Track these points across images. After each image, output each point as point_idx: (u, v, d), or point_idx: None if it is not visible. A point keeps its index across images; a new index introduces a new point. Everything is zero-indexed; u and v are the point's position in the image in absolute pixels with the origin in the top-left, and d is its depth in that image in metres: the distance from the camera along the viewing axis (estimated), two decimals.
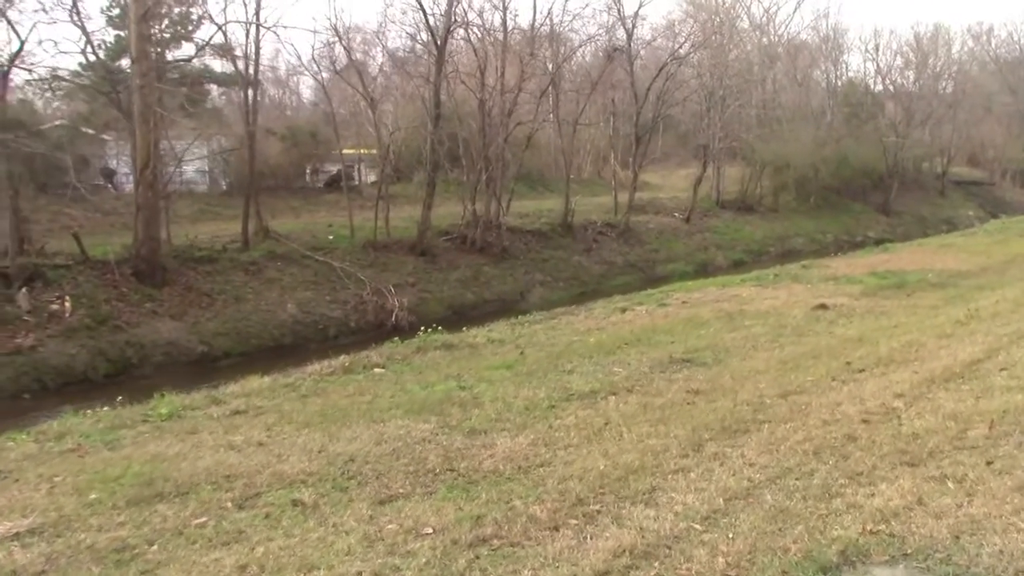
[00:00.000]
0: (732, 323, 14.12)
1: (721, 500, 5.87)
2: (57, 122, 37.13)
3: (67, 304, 23.05)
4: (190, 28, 40.97)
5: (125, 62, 35.73)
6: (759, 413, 8.25)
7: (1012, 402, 8.23)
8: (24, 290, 22.46)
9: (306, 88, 63.31)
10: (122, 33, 36.06)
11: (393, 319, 27.50)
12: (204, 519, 5.88)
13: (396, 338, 14.47)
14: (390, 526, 5.62)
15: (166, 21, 41.17)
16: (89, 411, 10.01)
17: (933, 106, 58.84)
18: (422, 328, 15.76)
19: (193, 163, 38.53)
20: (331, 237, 32.23)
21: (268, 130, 40.05)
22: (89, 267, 24.67)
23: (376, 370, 11.62)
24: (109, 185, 37.53)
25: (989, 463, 6.53)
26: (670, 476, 6.44)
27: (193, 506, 6.17)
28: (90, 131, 36.04)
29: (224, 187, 38.84)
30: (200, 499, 6.30)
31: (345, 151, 41.42)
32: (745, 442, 7.32)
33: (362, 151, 42.01)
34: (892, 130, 55.18)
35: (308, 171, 43.34)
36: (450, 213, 35.20)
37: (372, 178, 47.30)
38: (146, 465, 7.15)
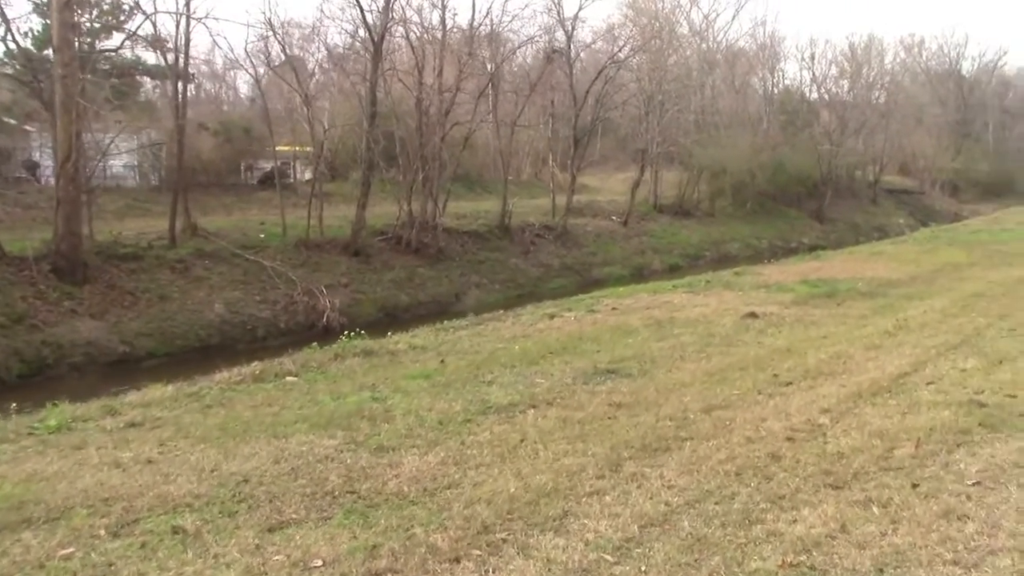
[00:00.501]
0: (661, 331, 13.88)
1: (636, 527, 5.57)
2: None
3: None
4: (121, 18, 39.98)
5: (51, 51, 34.78)
6: (682, 429, 8.01)
7: (938, 419, 8.14)
8: None
9: (243, 83, 62.21)
10: (48, 21, 34.99)
11: (324, 320, 26.95)
12: (72, 549, 5.36)
13: (315, 344, 13.87)
14: (276, 557, 5.20)
15: (96, 11, 40.16)
16: None
17: (866, 115, 59.78)
18: (349, 331, 15.20)
19: (121, 157, 37.54)
20: (262, 235, 31.51)
21: (200, 125, 39.11)
22: (5, 263, 23.72)
23: (288, 379, 11.12)
24: (32, 178, 36.27)
25: (915, 486, 6.38)
26: (584, 500, 6.12)
27: (62, 534, 5.63)
28: (12, 121, 34.89)
29: (155, 183, 37.78)
30: (71, 526, 5.76)
31: (281, 148, 40.67)
32: (665, 461, 7.05)
33: (298, 148, 41.26)
34: (827, 138, 55.94)
35: (243, 168, 42.44)
36: (387, 213, 34.66)
37: (308, 176, 46.68)
38: (19, 486, 6.60)
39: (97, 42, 45.98)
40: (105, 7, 34.87)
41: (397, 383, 10.33)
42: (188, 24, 28.57)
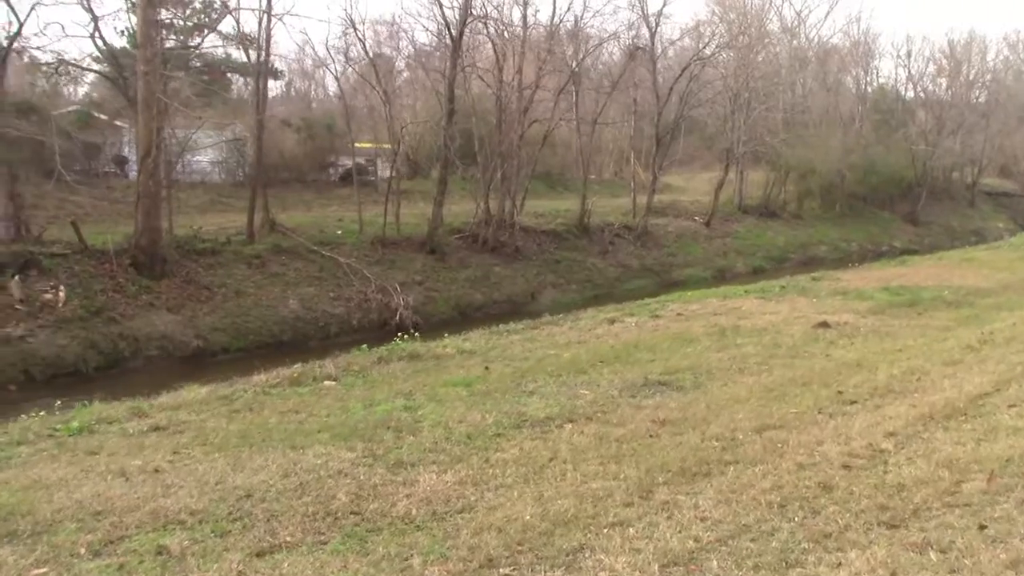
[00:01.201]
0: (723, 340, 13.25)
1: (656, 567, 5.08)
2: (70, 108, 36.88)
3: (61, 294, 22.54)
4: (213, 16, 40.67)
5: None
6: (728, 452, 7.45)
7: (1018, 447, 7.40)
8: (17, 278, 21.95)
9: (332, 81, 62.84)
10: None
11: (397, 318, 26.82)
12: (45, 569, 5.12)
13: (364, 345, 13.62)
14: None
15: (188, 9, 40.97)
16: (24, 416, 9.32)
17: (965, 115, 57.39)
18: (422, 329, 14.98)
19: (207, 153, 38.18)
20: (339, 232, 31.62)
21: (283, 121, 39.63)
22: (87, 256, 24.18)
23: (326, 383, 10.83)
24: (120, 173, 37.12)
25: (982, 527, 5.69)
26: (605, 531, 5.64)
27: (41, 550, 5.38)
28: (103, 117, 35.71)
29: (239, 178, 38.28)
30: (54, 542, 5.52)
31: (363, 145, 40.88)
32: (703, 488, 6.54)
33: (379, 146, 41.40)
34: (922, 138, 53.84)
35: (326, 165, 42.79)
36: (465, 211, 34.47)
37: (389, 174, 46.87)
38: (16, 494, 6.41)
39: (189, 40, 47.12)
40: (197, 5, 35.19)
41: (435, 390, 10.02)
42: (269, 21, 28.75)
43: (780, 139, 47.67)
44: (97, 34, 26.80)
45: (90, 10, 26.36)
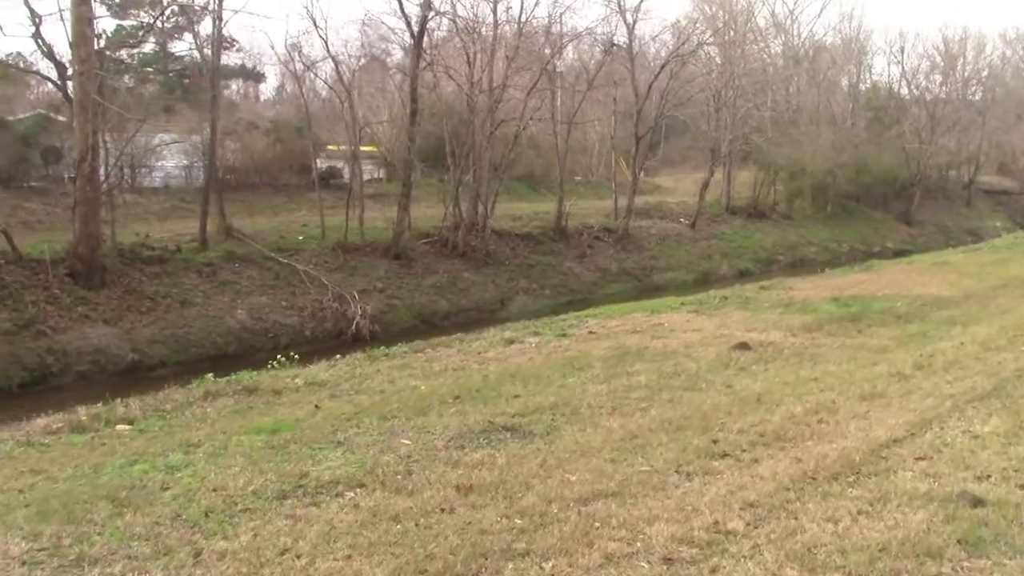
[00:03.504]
0: (617, 367, 11.80)
1: None
2: (27, 113, 35.86)
3: None
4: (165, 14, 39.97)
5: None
6: (523, 537, 6.03)
7: (903, 527, 6.06)
8: None
9: (322, 84, 61.60)
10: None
11: (353, 327, 25.84)
12: None
13: (209, 375, 12.27)
14: None
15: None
16: None
17: (961, 112, 56.05)
18: (380, 340, 13.70)
19: (173, 157, 37.19)
20: (301, 238, 30.59)
21: (250, 123, 38.57)
22: (21, 266, 23.16)
23: (119, 427, 9.46)
24: None
25: None
26: None
27: None
28: (61, 118, 34.67)
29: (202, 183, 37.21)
30: None
31: (338, 148, 39.86)
32: None
33: (352, 149, 40.27)
34: (916, 136, 52.54)
35: (298, 168, 41.71)
36: (437, 215, 33.38)
37: (366, 177, 45.80)
38: None
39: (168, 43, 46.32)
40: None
41: (229, 440, 8.64)
42: (220, 20, 27.71)
43: (767, 138, 46.41)
44: (38, 35, 25.71)
45: (30, 9, 25.33)
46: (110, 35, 42.56)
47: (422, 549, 5.81)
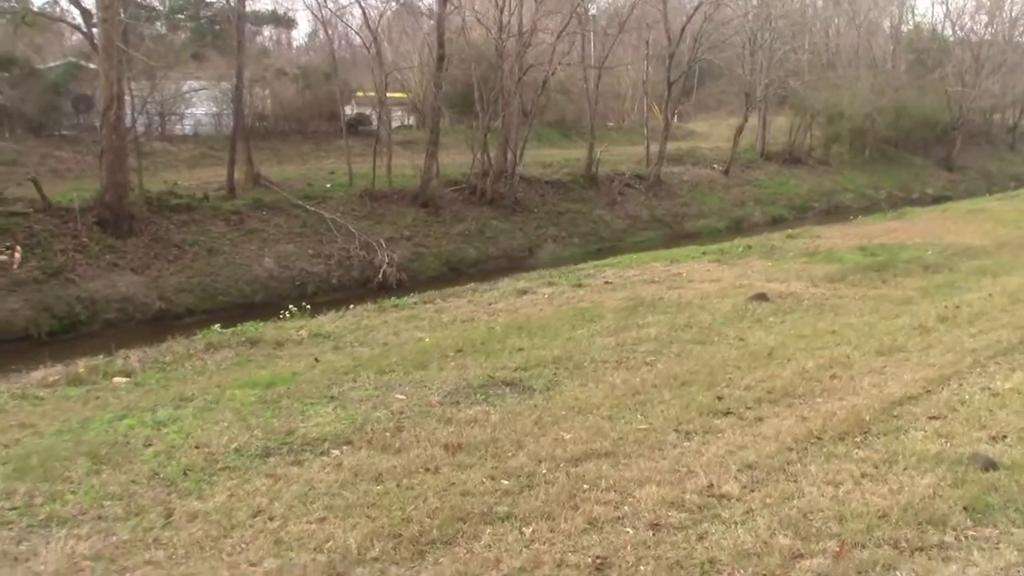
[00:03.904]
0: (629, 319, 11.47)
1: None
2: (58, 61, 35.84)
3: (16, 254, 21.68)
4: None
5: None
6: (506, 499, 5.82)
7: (908, 491, 5.75)
8: None
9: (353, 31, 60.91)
10: None
11: (380, 275, 25.79)
12: None
13: (216, 326, 12.28)
14: None
15: None
16: None
17: (1007, 54, 54.32)
18: (408, 287, 13.49)
19: (203, 105, 37.12)
20: (328, 185, 30.45)
21: (279, 70, 38.31)
22: (50, 215, 23.26)
23: (116, 380, 9.31)
24: None
25: None
26: None
27: None
28: (91, 66, 34.62)
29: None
30: None
31: (366, 95, 39.54)
32: (419, 572, 5.01)
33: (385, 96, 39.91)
34: (959, 79, 51.04)
35: (329, 115, 41.49)
36: (466, 162, 33.04)
37: (396, 124, 45.46)
38: None
39: None
40: None
41: (223, 393, 8.48)
42: None
43: (804, 81, 45.36)
44: None
45: None
46: None
47: (400, 511, 5.63)
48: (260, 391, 8.51)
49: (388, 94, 42.63)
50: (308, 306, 13.72)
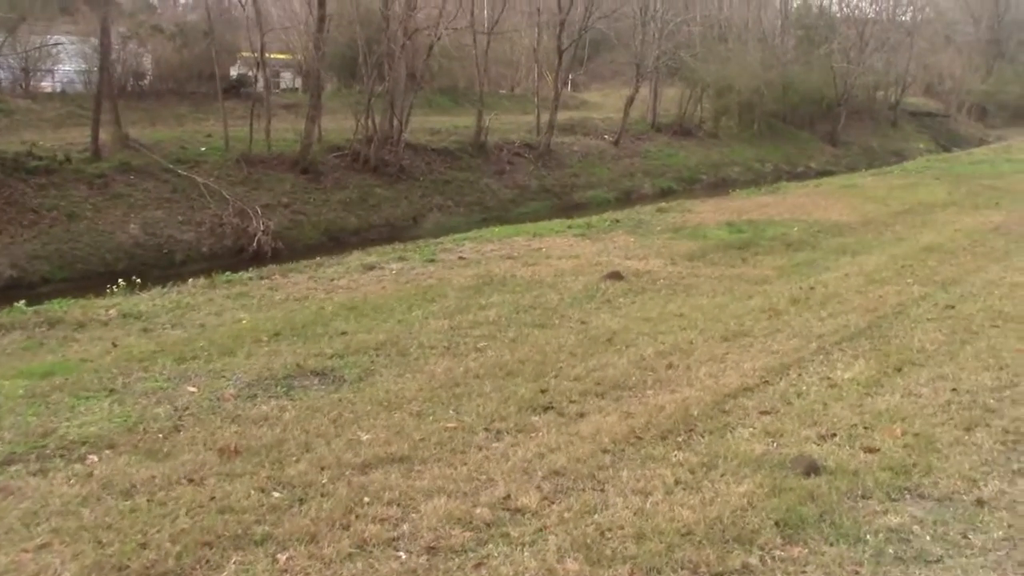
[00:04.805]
0: (472, 299, 10.89)
1: None
2: None
3: None
4: None
5: None
6: (263, 522, 5.13)
7: (720, 504, 5.36)
8: None
9: None
10: None
11: (255, 244, 24.86)
12: None
13: (21, 302, 11.18)
14: None
15: None
16: None
17: (890, 32, 55.58)
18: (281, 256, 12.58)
19: (73, 62, 35.29)
20: (203, 149, 29.22)
21: (154, 27, 36.62)
22: None
23: None
24: None
25: None
26: None
27: None
28: None
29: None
30: None
31: (252, 55, 38.11)
32: None
33: (273, 56, 38.60)
34: (844, 56, 51.99)
35: (210, 75, 39.89)
36: (352, 128, 32.06)
37: (285, 86, 44.05)
38: None
39: None
40: None
41: None
42: None
43: (695, 54, 45.54)
44: None
45: None
46: None
47: (139, 535, 4.90)
48: (33, 382, 7.59)
49: (277, 55, 41.41)
50: (138, 281, 12.77)
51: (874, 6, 57.05)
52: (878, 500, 5.55)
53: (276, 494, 5.49)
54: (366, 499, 5.41)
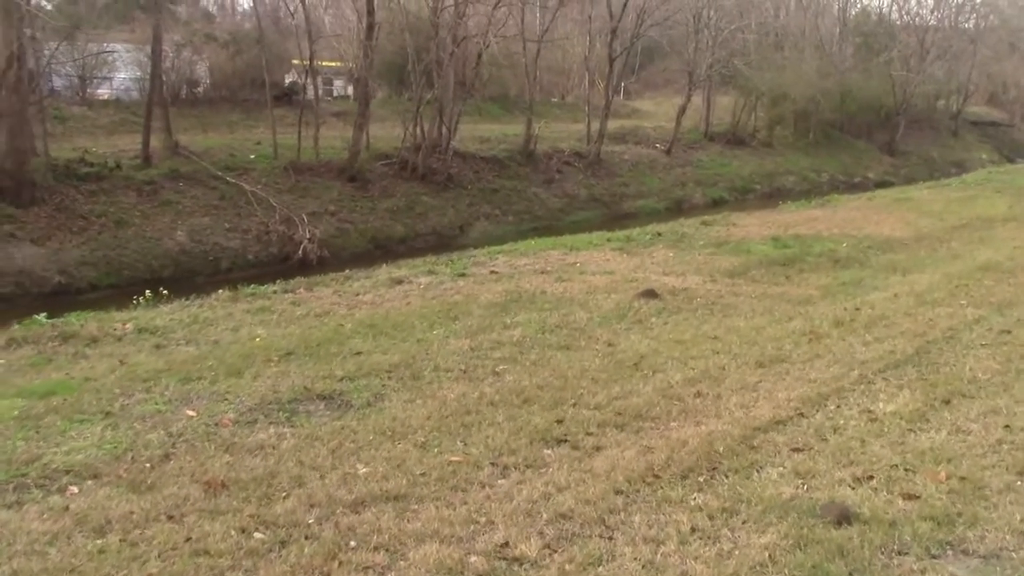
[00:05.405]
0: (497, 317, 10.45)
1: None
2: None
3: None
4: None
5: None
6: (236, 569, 4.80)
7: (738, 558, 4.91)
8: None
9: None
10: None
11: (300, 252, 24.89)
12: None
13: (21, 323, 10.89)
14: None
15: None
16: None
17: (952, 40, 54.21)
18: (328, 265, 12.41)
19: (128, 69, 35.77)
20: (252, 156, 29.36)
21: (207, 35, 36.98)
22: None
23: None
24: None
25: None
26: None
27: None
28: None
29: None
30: None
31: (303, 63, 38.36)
32: None
33: (322, 64, 38.83)
34: (904, 64, 50.83)
35: (262, 83, 40.20)
36: (401, 136, 32.03)
37: (337, 94, 44.28)
38: None
39: None
40: None
41: None
42: None
43: (749, 61, 44.83)
44: None
45: None
46: None
47: None
48: (30, 403, 7.33)
49: (329, 63, 41.62)
50: (165, 291, 12.65)
51: (935, 13, 55.70)
52: (916, 557, 4.99)
53: (258, 535, 5.15)
54: (352, 543, 5.05)
